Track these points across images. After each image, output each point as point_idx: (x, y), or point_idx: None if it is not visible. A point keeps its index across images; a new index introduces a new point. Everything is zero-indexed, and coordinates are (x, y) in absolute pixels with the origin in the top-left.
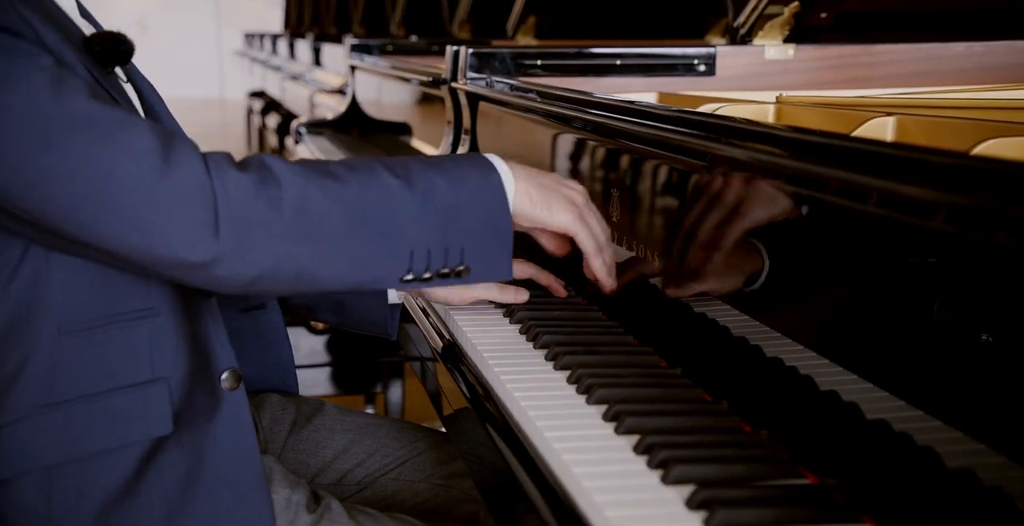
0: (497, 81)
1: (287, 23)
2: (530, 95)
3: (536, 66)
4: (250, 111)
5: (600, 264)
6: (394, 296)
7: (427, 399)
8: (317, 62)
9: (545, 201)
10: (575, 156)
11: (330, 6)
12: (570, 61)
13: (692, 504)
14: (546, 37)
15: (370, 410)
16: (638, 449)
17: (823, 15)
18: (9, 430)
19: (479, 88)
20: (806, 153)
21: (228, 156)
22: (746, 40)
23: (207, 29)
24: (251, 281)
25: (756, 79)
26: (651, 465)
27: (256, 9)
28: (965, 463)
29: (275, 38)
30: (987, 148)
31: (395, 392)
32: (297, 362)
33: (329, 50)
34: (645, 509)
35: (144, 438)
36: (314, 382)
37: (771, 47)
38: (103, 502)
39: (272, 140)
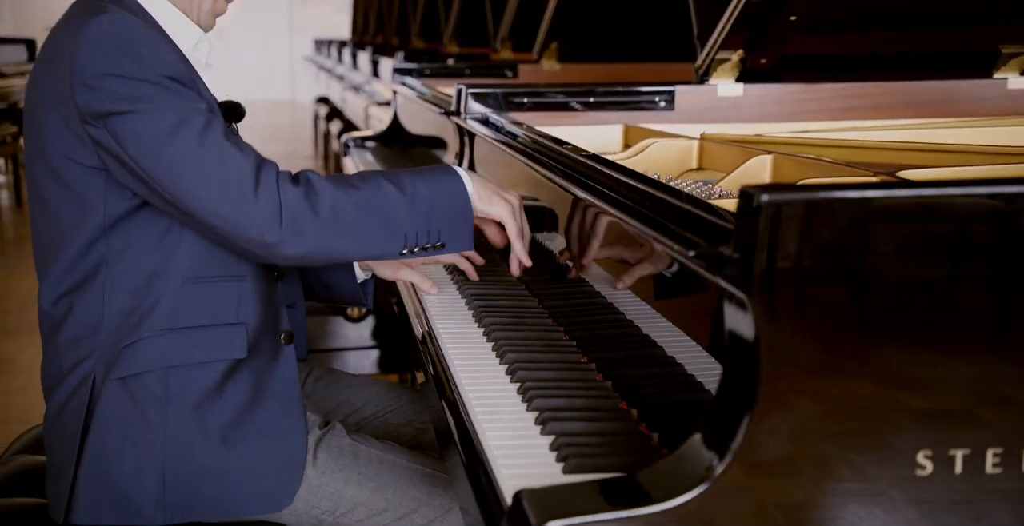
0: (490, 116)
1: (354, 29)
2: (511, 134)
3: (523, 103)
4: (316, 116)
5: (520, 246)
6: (360, 275)
7: None
8: (375, 73)
9: (488, 198)
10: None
11: (392, 17)
12: (550, 98)
13: (538, 420)
14: (568, 61)
15: None
16: (520, 391)
17: (763, 61)
18: (145, 342)
19: (472, 126)
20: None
21: (288, 174)
22: (704, 79)
23: (280, 35)
24: (301, 256)
25: (710, 113)
26: (523, 399)
27: (326, 15)
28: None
29: (340, 46)
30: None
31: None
32: (349, 346)
33: (385, 63)
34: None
35: (228, 357)
36: (361, 364)
37: (723, 85)
38: (199, 396)
39: (335, 145)
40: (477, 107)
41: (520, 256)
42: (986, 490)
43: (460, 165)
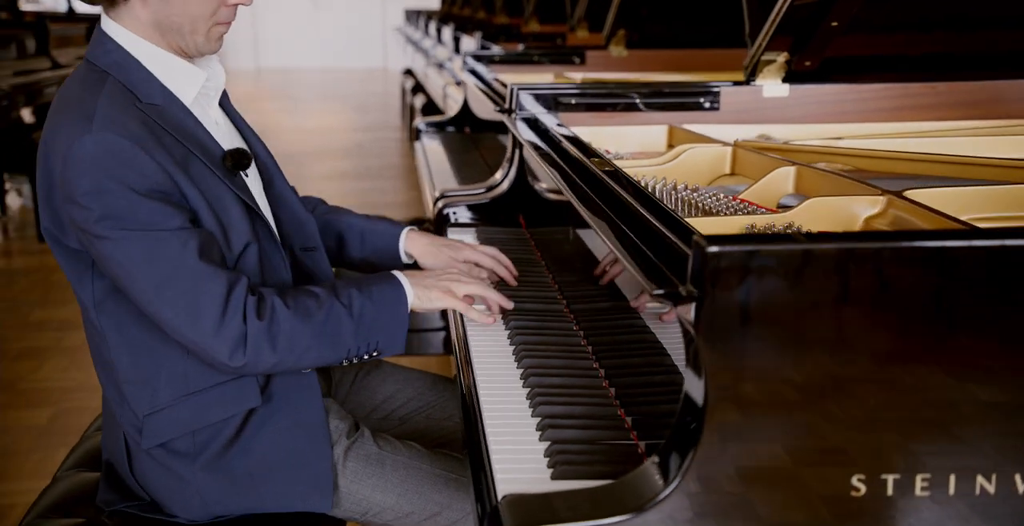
0: (539, 117)
1: (443, 0)
2: (552, 140)
3: (571, 104)
4: (403, 89)
5: (475, 315)
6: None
7: None
8: (457, 50)
9: (427, 297)
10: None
11: None
12: (597, 99)
13: (539, 426)
14: (636, 47)
15: None
16: (529, 397)
17: (807, 63)
18: (166, 412)
19: (519, 129)
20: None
21: (255, 303)
22: (751, 80)
23: (373, 3)
24: (258, 373)
25: (754, 113)
26: (529, 405)
27: None
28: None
29: (428, 18)
30: (812, 202)
31: None
32: (417, 328)
33: (466, 41)
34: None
35: (243, 409)
36: (429, 343)
37: (769, 86)
38: (223, 444)
39: (419, 119)
40: (528, 106)
41: (484, 318)
42: (919, 512)
43: (511, 166)
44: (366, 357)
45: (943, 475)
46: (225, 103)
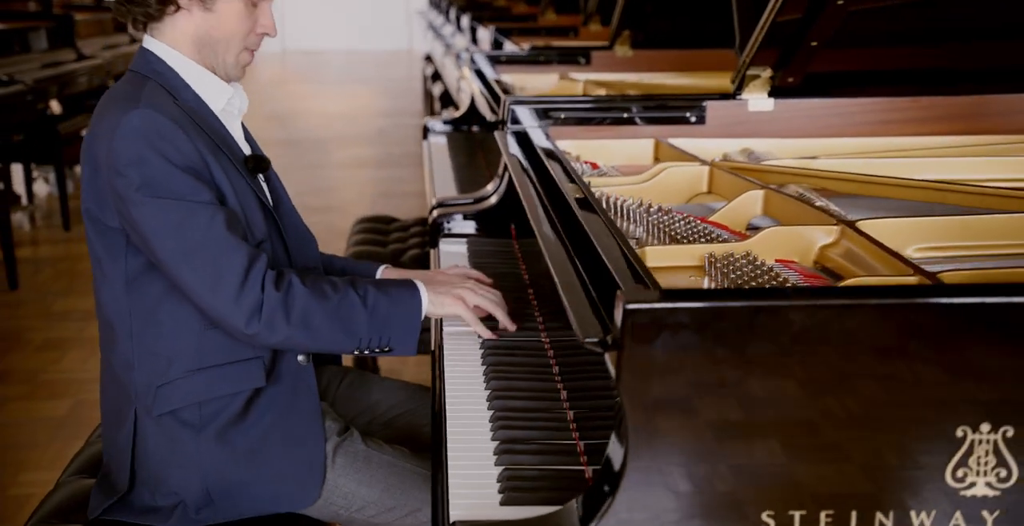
0: (529, 132)
1: None
2: (536, 160)
3: (560, 117)
4: (424, 75)
5: (480, 329)
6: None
7: None
8: (474, 40)
9: (440, 303)
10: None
11: None
12: (586, 113)
13: (496, 450)
14: (641, 47)
15: None
16: (491, 420)
17: (790, 80)
18: (177, 383)
19: (508, 145)
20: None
21: (274, 276)
22: (737, 94)
23: None
24: (272, 346)
25: (740, 127)
26: (491, 428)
27: None
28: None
29: (449, 4)
30: (770, 231)
31: None
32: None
33: (481, 32)
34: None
35: (249, 388)
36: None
37: (754, 100)
38: (226, 422)
39: (438, 107)
40: (521, 118)
41: (487, 334)
42: None
43: (501, 181)
44: (378, 350)
45: (845, 511)
46: (244, 129)
